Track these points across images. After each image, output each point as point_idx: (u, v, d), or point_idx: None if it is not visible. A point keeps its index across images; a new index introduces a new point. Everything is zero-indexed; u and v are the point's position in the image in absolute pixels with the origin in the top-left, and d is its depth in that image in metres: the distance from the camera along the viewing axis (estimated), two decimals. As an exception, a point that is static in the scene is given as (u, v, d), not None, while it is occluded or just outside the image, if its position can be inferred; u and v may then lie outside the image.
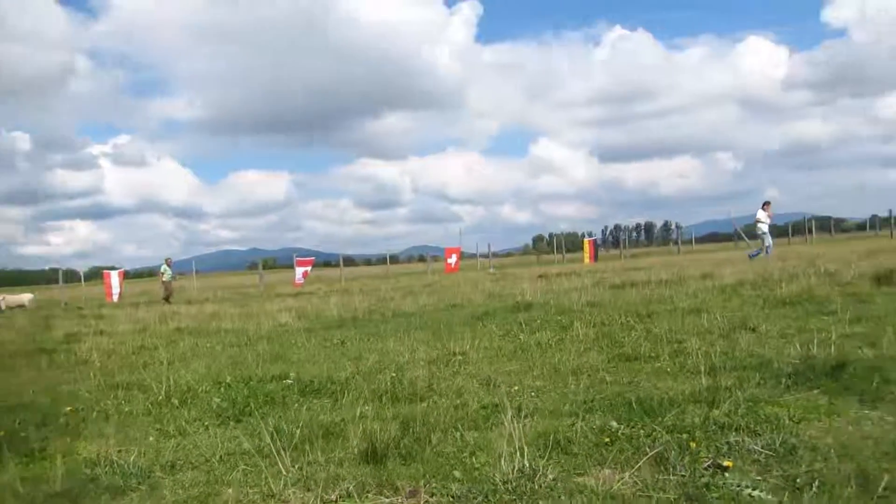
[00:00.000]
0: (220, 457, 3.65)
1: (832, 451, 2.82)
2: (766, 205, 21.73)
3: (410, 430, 3.66)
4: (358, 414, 4.09)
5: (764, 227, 21.53)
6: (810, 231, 49.84)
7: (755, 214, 21.30)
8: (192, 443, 4.00)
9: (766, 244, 21.08)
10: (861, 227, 58.00)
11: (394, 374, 5.35)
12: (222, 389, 5.43)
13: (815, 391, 3.85)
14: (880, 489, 2.32)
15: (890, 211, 44.84)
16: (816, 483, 2.45)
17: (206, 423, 4.47)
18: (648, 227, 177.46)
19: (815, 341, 4.96)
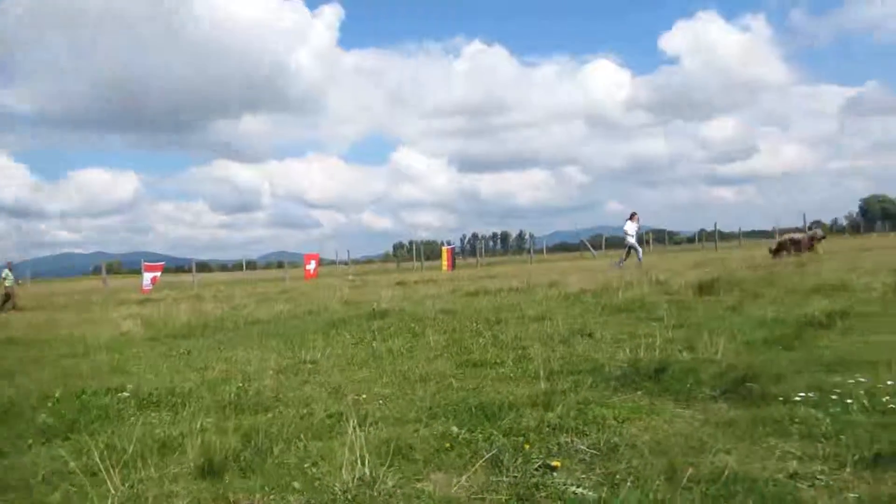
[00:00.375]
0: (43, 477, 3.38)
1: (648, 448, 3.07)
2: (633, 216, 23.13)
3: (252, 441, 3.57)
4: (198, 427, 3.93)
5: (631, 239, 22.97)
6: (648, 243, 53.75)
7: (622, 226, 22.44)
8: (11, 464, 3.67)
9: (638, 252, 22.48)
10: (691, 240, 63.44)
11: (240, 385, 5.20)
12: (50, 404, 5.02)
13: (639, 392, 4.17)
14: (684, 481, 2.55)
15: (715, 225, 50.45)
16: (631, 478, 2.66)
17: (28, 442, 4.11)
18: (504, 237, 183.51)
19: (643, 346, 5.37)
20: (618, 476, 2.71)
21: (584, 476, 2.80)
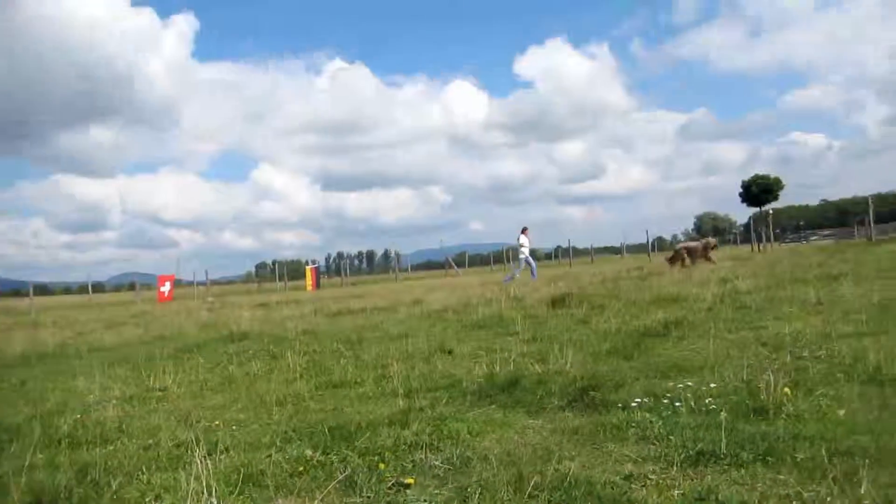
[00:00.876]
0: None
1: (499, 459, 3.18)
2: (524, 230, 23.79)
3: (89, 476, 3.35)
4: (27, 464, 3.62)
5: (525, 252, 23.55)
6: (509, 260, 55.66)
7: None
8: None
9: (532, 266, 23.06)
10: (549, 256, 66.66)
11: (78, 416, 4.85)
12: None
13: (493, 406, 4.31)
14: (530, 489, 2.67)
15: (569, 241, 53.43)
16: (481, 490, 2.75)
17: None
18: (370, 255, 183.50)
19: (499, 360, 5.56)
20: (469, 489, 2.79)
21: (436, 491, 2.86)
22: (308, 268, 44.63)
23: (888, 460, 2.76)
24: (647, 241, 50.97)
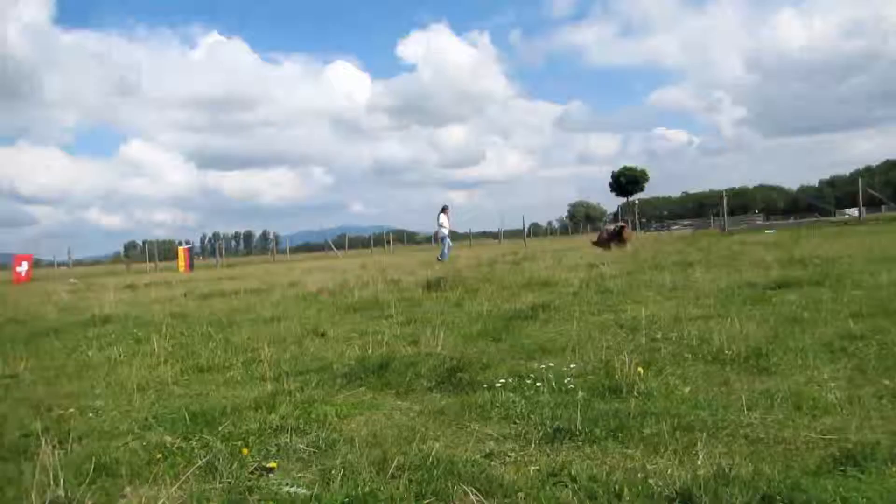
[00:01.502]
0: None
1: (365, 441, 3.20)
2: (445, 209, 23.32)
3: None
4: None
5: (444, 232, 23.14)
6: (389, 242, 55.80)
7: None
8: None
9: (446, 247, 22.58)
10: (429, 239, 67.25)
11: None
12: None
13: (363, 388, 4.32)
14: (393, 469, 2.70)
15: None
16: (344, 472, 2.75)
17: None
18: (248, 236, 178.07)
19: (371, 343, 5.57)
20: (333, 471, 2.78)
21: (300, 475, 2.83)
22: (181, 248, 42.69)
23: (723, 432, 3.01)
24: (524, 227, 52.67)
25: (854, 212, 37.23)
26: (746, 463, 2.62)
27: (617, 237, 19.70)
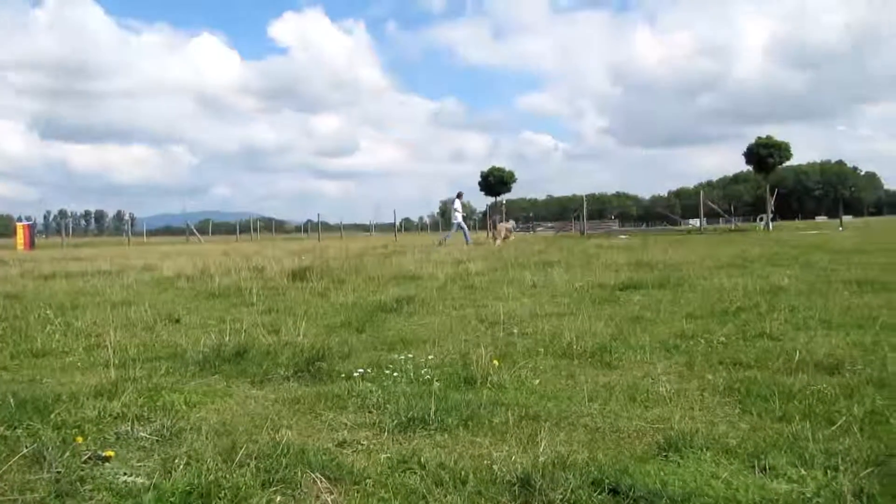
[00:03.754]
0: None
1: (214, 429, 3.11)
2: (460, 195, 23.34)
3: None
4: None
5: (458, 217, 22.85)
6: (256, 230, 54.20)
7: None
8: None
9: (465, 231, 22.61)
10: (299, 229, 66.04)
11: None
12: None
13: (217, 376, 4.19)
14: (240, 457, 2.65)
15: (318, 216, 53.88)
16: (187, 460, 2.66)
17: None
18: (100, 216, 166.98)
19: (229, 330, 5.40)
20: (176, 460, 2.68)
21: (139, 464, 2.70)
22: (20, 225, 39.32)
23: (565, 422, 3.19)
24: (395, 221, 53.01)
25: (696, 222, 40.35)
26: (583, 450, 2.80)
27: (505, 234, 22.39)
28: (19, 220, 45.04)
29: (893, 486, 2.32)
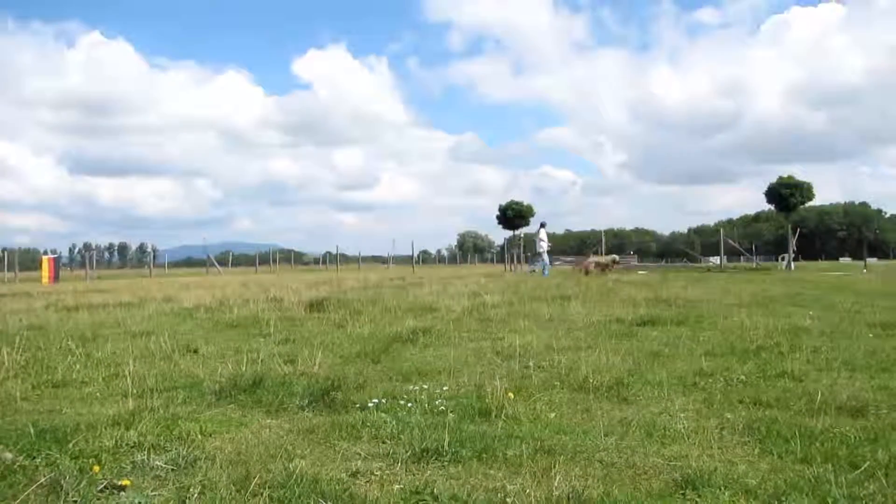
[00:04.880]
0: None
1: (229, 458, 3.12)
2: (544, 225, 23.70)
3: None
4: None
5: (544, 246, 23.08)
6: (276, 262, 54.66)
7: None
8: None
9: (545, 263, 22.85)
10: (318, 261, 66.55)
11: None
12: None
13: (232, 406, 4.20)
14: (254, 486, 2.65)
15: (337, 248, 54.50)
16: (202, 489, 2.67)
17: None
18: (123, 248, 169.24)
19: (246, 360, 5.43)
20: (191, 489, 2.69)
21: (154, 493, 2.72)
22: (45, 258, 39.91)
23: (581, 456, 3.16)
24: (412, 253, 53.15)
25: (716, 259, 40.09)
26: (598, 485, 2.77)
27: (604, 268, 22.52)
28: (45, 253, 45.76)
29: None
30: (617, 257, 26.13)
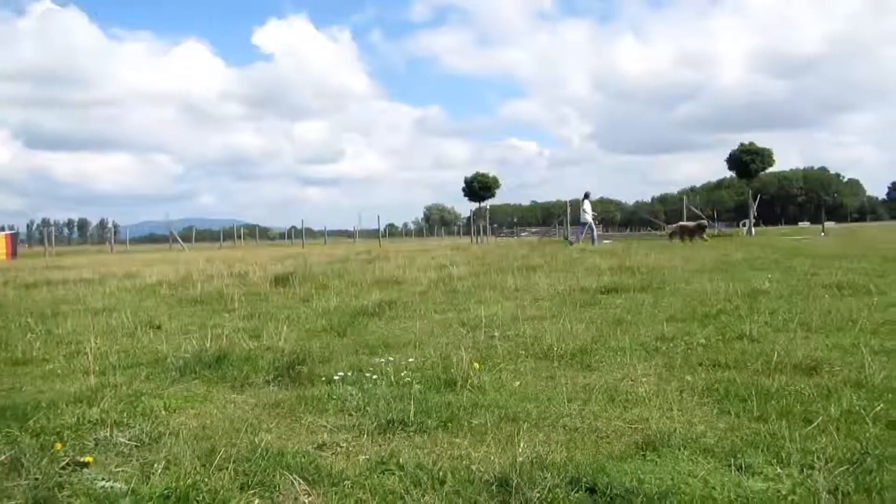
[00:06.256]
0: None
1: (193, 434, 3.10)
2: (587, 195, 23.81)
3: None
4: None
5: (588, 217, 23.15)
6: (240, 237, 54.04)
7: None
8: None
9: (594, 234, 22.98)
10: (283, 235, 65.98)
11: None
12: None
13: (198, 381, 4.17)
14: (219, 460, 2.64)
15: (302, 222, 54.03)
16: (166, 465, 2.65)
17: None
18: (83, 225, 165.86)
19: (210, 336, 5.38)
20: (155, 465, 2.68)
21: (118, 469, 2.70)
22: (2, 234, 38.90)
23: (545, 422, 3.22)
24: (379, 227, 52.87)
25: (680, 228, 40.59)
26: (561, 450, 2.82)
27: (699, 231, 22.43)
28: (2, 229, 44.52)
29: (868, 484, 2.36)
30: (704, 221, 25.53)
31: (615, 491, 2.37)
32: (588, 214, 24.35)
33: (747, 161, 37.89)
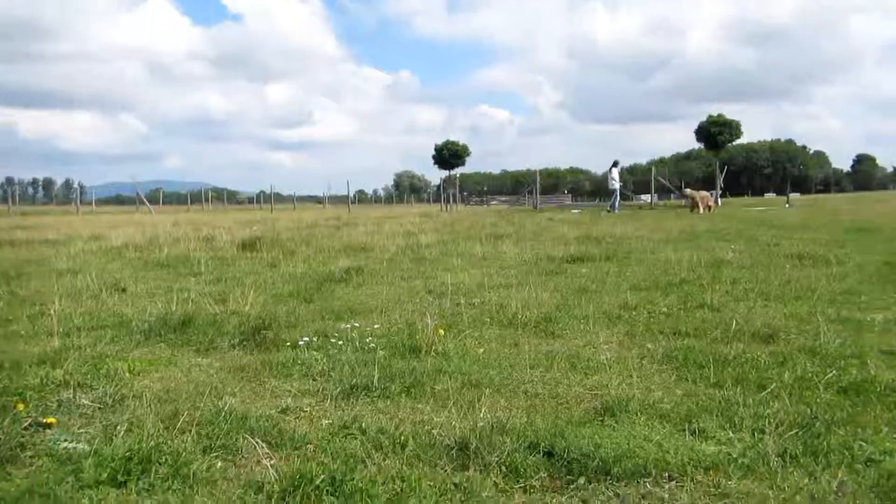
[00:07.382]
0: None
1: (157, 397, 3.12)
2: (616, 164, 25.18)
3: None
4: None
5: (616, 185, 23.33)
6: (208, 200, 53.31)
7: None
8: None
9: (617, 200, 23.03)
10: (252, 200, 65.28)
11: None
12: None
13: (162, 345, 4.17)
14: (182, 423, 2.66)
15: (271, 187, 53.59)
16: (129, 427, 2.67)
17: None
18: (48, 184, 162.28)
19: (176, 300, 5.35)
20: (118, 427, 2.69)
21: (81, 430, 2.71)
22: (-39, 192, 37.91)
23: (507, 388, 3.28)
24: (348, 193, 52.54)
25: (647, 198, 41.01)
26: (522, 415, 2.89)
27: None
28: (-40, 187, 43.30)
29: (815, 447, 2.46)
30: (708, 194, 25.94)
31: (572, 455, 2.44)
32: (616, 182, 25.22)
33: (715, 133, 38.17)
